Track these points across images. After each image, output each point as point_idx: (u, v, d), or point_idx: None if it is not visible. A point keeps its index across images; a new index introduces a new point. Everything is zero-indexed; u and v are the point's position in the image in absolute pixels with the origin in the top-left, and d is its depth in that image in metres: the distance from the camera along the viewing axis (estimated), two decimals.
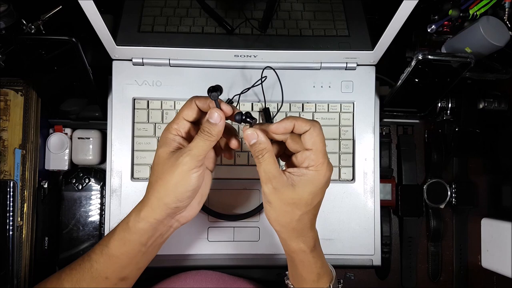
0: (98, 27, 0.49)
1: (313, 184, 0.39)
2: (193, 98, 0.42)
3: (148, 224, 0.40)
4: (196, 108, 0.42)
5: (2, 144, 0.56)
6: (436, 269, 0.66)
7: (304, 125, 0.39)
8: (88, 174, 0.60)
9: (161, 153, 0.40)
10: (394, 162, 0.66)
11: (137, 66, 0.57)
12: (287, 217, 0.40)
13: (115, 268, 0.41)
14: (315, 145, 0.39)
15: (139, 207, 0.41)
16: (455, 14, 0.55)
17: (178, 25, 0.52)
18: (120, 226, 0.41)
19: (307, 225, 0.41)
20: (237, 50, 0.55)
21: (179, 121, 0.42)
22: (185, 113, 0.42)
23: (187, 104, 0.42)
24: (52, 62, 0.51)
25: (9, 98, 0.56)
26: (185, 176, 0.39)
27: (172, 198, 0.39)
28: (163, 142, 0.41)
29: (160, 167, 0.40)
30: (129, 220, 0.41)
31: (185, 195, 0.40)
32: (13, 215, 0.54)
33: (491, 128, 0.64)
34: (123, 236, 0.41)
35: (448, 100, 0.61)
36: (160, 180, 0.39)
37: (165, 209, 0.40)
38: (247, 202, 0.58)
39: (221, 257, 0.57)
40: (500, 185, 0.65)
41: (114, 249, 0.41)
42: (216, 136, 0.39)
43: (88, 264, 0.41)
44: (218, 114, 0.39)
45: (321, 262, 0.43)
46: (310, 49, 0.55)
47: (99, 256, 0.41)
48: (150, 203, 0.40)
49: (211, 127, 0.39)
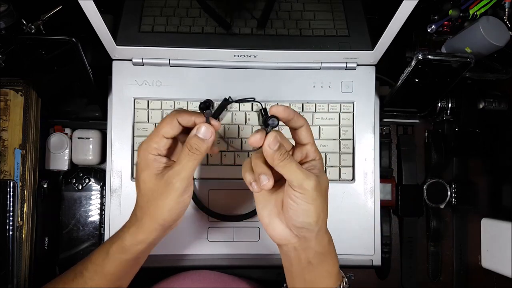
0: (98, 27, 0.49)
1: (323, 171, 0.40)
2: (174, 114, 0.39)
3: (145, 245, 0.40)
4: (178, 125, 0.39)
5: (2, 144, 0.56)
6: (436, 269, 0.66)
7: (301, 119, 0.39)
8: (88, 174, 0.60)
9: (146, 178, 0.39)
10: (394, 162, 0.66)
11: (137, 66, 0.57)
12: (326, 208, 0.39)
13: (110, 283, 0.41)
14: (312, 138, 0.40)
15: (133, 230, 0.40)
16: (455, 14, 0.55)
17: (178, 25, 0.52)
18: (114, 248, 0.40)
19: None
20: (237, 50, 0.55)
21: (158, 139, 0.39)
22: (165, 130, 0.39)
23: (167, 120, 0.39)
24: (52, 62, 0.51)
25: (9, 98, 0.56)
26: (179, 199, 0.38)
27: (168, 220, 0.39)
28: (144, 165, 0.39)
29: (149, 192, 0.39)
30: (124, 243, 0.40)
31: (181, 213, 0.40)
32: (13, 215, 0.54)
33: (491, 128, 0.64)
34: (119, 257, 0.40)
35: (448, 100, 0.61)
36: (152, 206, 0.39)
37: (161, 229, 0.40)
38: (247, 202, 0.58)
39: (221, 257, 0.57)
40: (500, 185, 0.65)
41: (109, 269, 0.40)
42: (204, 152, 0.38)
43: (81, 280, 0.41)
44: (208, 129, 0.38)
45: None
46: (310, 49, 0.55)
47: (93, 275, 0.40)
48: (146, 226, 0.40)
49: (200, 143, 0.38)
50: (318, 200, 0.37)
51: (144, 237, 0.40)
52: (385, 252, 0.62)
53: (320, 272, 0.40)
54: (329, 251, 0.40)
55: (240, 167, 0.57)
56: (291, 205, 0.37)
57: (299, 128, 0.39)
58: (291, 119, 0.39)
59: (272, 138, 0.37)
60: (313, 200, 0.37)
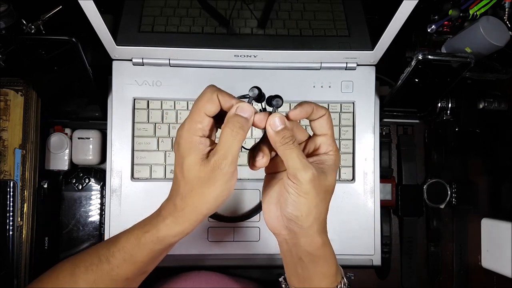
0: (98, 27, 0.49)
1: (336, 169, 0.38)
2: (213, 90, 0.36)
3: (182, 236, 0.38)
4: (218, 103, 0.36)
5: (2, 144, 0.56)
6: (436, 269, 0.66)
7: (321, 110, 0.37)
8: (88, 174, 0.60)
9: (192, 163, 0.35)
10: (394, 162, 0.66)
11: (137, 66, 0.57)
12: (321, 207, 0.36)
13: (137, 270, 0.39)
14: (330, 130, 0.38)
15: (171, 220, 0.37)
16: (455, 14, 0.55)
17: (178, 25, 0.52)
18: (148, 238, 0.38)
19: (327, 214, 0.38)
20: (237, 50, 0.55)
21: (201, 118, 0.35)
22: (208, 107, 0.35)
23: (206, 96, 0.36)
24: (52, 62, 0.51)
25: (9, 98, 0.56)
26: (226, 185, 0.35)
27: (212, 209, 0.36)
28: (189, 148, 0.35)
29: (195, 179, 0.35)
30: (160, 233, 0.37)
31: (223, 202, 0.37)
32: (13, 215, 0.54)
33: (491, 128, 0.64)
34: (152, 247, 0.38)
35: (448, 100, 0.61)
36: (198, 194, 0.35)
37: (201, 219, 0.37)
38: (247, 202, 0.58)
39: (221, 257, 0.57)
40: (500, 185, 0.65)
41: (140, 257, 0.38)
42: (246, 133, 0.35)
43: (107, 267, 0.38)
44: (250, 107, 0.35)
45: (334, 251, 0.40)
46: (310, 49, 0.55)
47: (121, 263, 0.38)
48: (187, 217, 0.37)
49: (243, 121, 0.35)
50: (311, 195, 0.35)
51: (184, 228, 0.37)
52: (385, 252, 0.62)
53: (313, 271, 0.38)
54: (323, 255, 0.38)
55: (240, 167, 0.56)
56: (283, 192, 0.36)
57: (318, 118, 0.38)
58: (310, 114, 0.37)
59: (274, 119, 0.35)
60: (305, 194, 0.35)
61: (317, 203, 0.36)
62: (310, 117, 0.37)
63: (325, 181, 0.36)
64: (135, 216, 0.40)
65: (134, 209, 0.56)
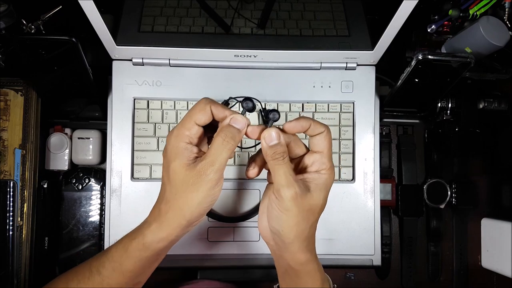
0: (98, 27, 0.49)
1: (326, 188, 0.38)
2: (207, 102, 0.37)
3: (167, 242, 0.38)
4: (210, 113, 0.37)
5: (2, 144, 0.56)
6: (436, 269, 0.66)
7: (319, 127, 0.37)
8: (88, 174, 0.60)
9: (177, 168, 0.36)
10: (394, 162, 0.66)
11: (137, 66, 0.57)
12: (303, 225, 0.36)
13: (129, 280, 0.39)
14: (326, 148, 0.38)
15: (156, 226, 0.38)
16: (455, 14, 0.55)
17: (178, 25, 0.52)
18: (134, 245, 0.38)
19: (314, 232, 0.39)
20: (237, 50, 0.55)
21: (190, 126, 0.37)
22: (198, 117, 0.37)
23: (200, 107, 0.37)
24: (52, 62, 0.51)
25: (9, 98, 0.56)
26: (210, 192, 0.36)
27: (195, 215, 0.37)
28: (175, 153, 0.36)
29: (179, 183, 0.36)
30: (145, 239, 0.38)
31: (208, 209, 0.38)
32: (13, 215, 0.54)
33: (491, 128, 0.64)
34: (139, 255, 0.38)
35: (448, 100, 0.61)
36: (182, 199, 0.36)
37: (186, 225, 0.37)
38: (247, 202, 0.58)
39: (221, 257, 0.57)
40: (500, 185, 0.65)
41: (128, 266, 0.38)
42: (237, 143, 0.36)
43: (98, 278, 0.39)
44: (244, 119, 0.36)
45: (321, 266, 0.41)
46: (310, 49, 0.55)
47: (111, 273, 0.38)
48: (171, 222, 0.37)
49: (235, 132, 0.36)
50: (292, 213, 0.35)
51: (167, 234, 0.37)
52: (385, 252, 0.62)
53: (298, 283, 0.39)
54: (306, 271, 0.38)
55: (240, 167, 0.56)
56: (269, 205, 0.37)
57: (316, 135, 0.38)
58: (308, 129, 0.37)
59: (269, 132, 0.36)
60: (285, 210, 0.35)
61: (298, 221, 0.36)
62: (308, 132, 0.38)
63: (310, 200, 0.36)
64: (135, 216, 0.40)
65: (134, 209, 0.56)
